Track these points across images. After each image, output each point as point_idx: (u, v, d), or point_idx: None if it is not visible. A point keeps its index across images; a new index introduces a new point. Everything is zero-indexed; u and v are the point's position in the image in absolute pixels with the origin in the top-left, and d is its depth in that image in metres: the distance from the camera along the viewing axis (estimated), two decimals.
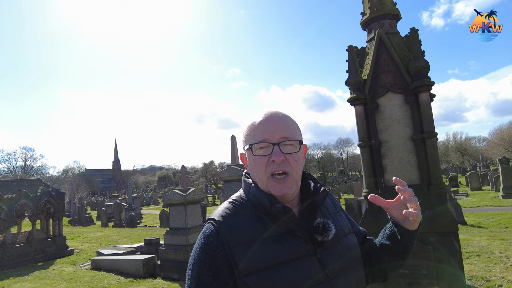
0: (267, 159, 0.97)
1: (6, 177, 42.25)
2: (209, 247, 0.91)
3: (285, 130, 0.99)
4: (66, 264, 8.02)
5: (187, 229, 6.61)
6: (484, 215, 14.47)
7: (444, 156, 71.66)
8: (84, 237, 12.39)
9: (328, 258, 0.97)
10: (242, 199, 1.02)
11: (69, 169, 64.19)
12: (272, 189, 0.96)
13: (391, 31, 4.71)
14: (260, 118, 1.02)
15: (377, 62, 4.54)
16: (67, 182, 35.88)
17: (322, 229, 0.96)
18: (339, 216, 1.11)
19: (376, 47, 4.53)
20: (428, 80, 4.17)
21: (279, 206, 0.92)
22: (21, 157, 50.02)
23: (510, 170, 19.32)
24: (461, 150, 61.10)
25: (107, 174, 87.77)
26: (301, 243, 0.94)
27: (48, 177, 54.69)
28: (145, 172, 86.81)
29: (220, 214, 0.97)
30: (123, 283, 6.10)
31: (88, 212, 28.65)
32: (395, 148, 4.43)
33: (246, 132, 1.05)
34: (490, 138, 60.90)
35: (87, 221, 21.50)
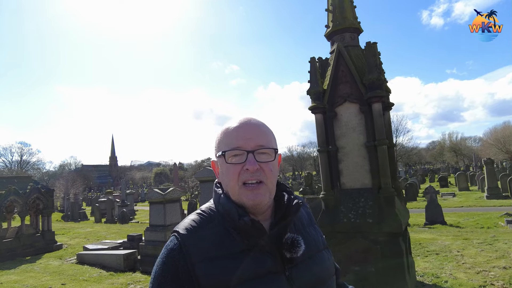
0: (240, 167, 0.92)
1: (1, 172, 42.55)
2: (171, 261, 0.87)
3: (260, 138, 0.95)
4: (53, 258, 8.37)
5: (166, 226, 6.96)
6: (465, 215, 14.88)
7: (439, 156, 72.13)
8: (74, 232, 12.73)
9: (297, 276, 0.92)
10: (211, 210, 0.97)
11: (66, 164, 64.55)
12: (244, 198, 0.92)
13: (351, 43, 5.04)
14: (234, 124, 0.98)
15: (336, 73, 4.87)
16: (62, 177, 36.11)
17: (291, 245, 0.92)
18: (313, 230, 1.07)
19: (335, 59, 4.86)
20: (380, 92, 4.50)
21: (247, 219, 0.88)
22: (17, 152, 50.29)
23: (495, 171, 19.77)
24: (455, 150, 61.56)
25: (104, 170, 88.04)
26: (269, 259, 0.90)
27: (45, 172, 55.02)
28: (142, 168, 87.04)
29: (185, 226, 0.92)
30: (104, 276, 6.46)
31: (83, 208, 28.99)
32: (350, 154, 4.77)
33: (218, 138, 1.00)
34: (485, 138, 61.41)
35: (81, 217, 21.82)
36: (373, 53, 4.63)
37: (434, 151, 77.30)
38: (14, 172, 40.71)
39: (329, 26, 5.25)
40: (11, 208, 9.28)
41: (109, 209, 18.88)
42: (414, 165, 76.18)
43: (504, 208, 15.83)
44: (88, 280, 6.23)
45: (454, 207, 18.26)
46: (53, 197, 10.18)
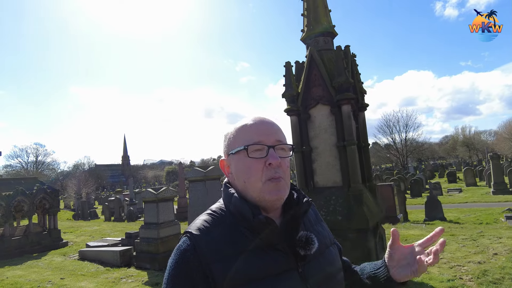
0: (263, 162, 0.93)
1: (19, 173, 44.14)
2: (185, 263, 0.88)
3: (278, 134, 0.98)
4: (57, 255, 8.86)
5: (159, 224, 7.31)
6: (467, 211, 14.79)
7: (452, 151, 70.77)
8: (82, 230, 13.29)
9: (310, 272, 0.94)
10: (222, 210, 0.98)
11: (80, 164, 66.22)
12: (267, 193, 0.92)
13: (325, 47, 5.22)
14: (251, 121, 0.99)
15: (309, 77, 5.07)
16: (75, 177, 37.21)
17: (305, 242, 0.93)
18: (321, 228, 1.08)
19: (308, 63, 5.06)
20: (348, 94, 4.69)
21: (262, 218, 0.89)
22: (33, 153, 51.91)
23: (501, 166, 19.47)
24: (468, 144, 60.35)
25: (117, 169, 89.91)
26: (282, 257, 0.91)
27: (59, 172, 56.65)
28: (155, 167, 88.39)
29: (197, 227, 0.93)
30: (101, 271, 6.86)
31: (95, 207, 29.91)
32: (323, 154, 4.98)
33: (233, 135, 1.00)
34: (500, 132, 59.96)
35: (91, 216, 22.54)
36: (342, 57, 4.81)
37: (447, 146, 75.94)
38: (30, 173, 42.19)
39: (304, 30, 5.46)
40: (20, 208, 9.82)
41: (117, 208, 19.48)
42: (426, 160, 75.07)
43: (509, 203, 15.66)
44: (85, 275, 6.64)
45: (459, 202, 18.11)
46: (59, 197, 10.69)
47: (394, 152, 50.41)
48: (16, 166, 50.24)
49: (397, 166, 49.53)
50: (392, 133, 50.59)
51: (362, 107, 5.40)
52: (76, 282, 6.19)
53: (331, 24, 5.40)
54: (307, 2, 5.46)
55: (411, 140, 49.53)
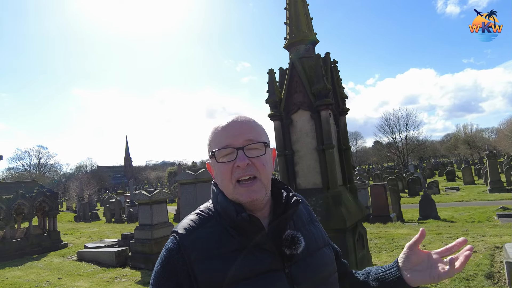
0: (231, 165, 0.92)
1: (22, 175, 44.61)
2: (170, 261, 0.89)
3: (249, 133, 0.95)
4: (56, 256, 9.13)
5: (153, 225, 7.56)
6: (462, 210, 14.96)
7: (454, 149, 70.67)
8: (81, 232, 13.58)
9: (297, 273, 0.93)
10: (210, 210, 0.98)
11: (82, 166, 66.75)
12: (240, 196, 0.92)
13: (306, 55, 5.44)
14: (222, 123, 0.98)
15: (291, 84, 5.29)
16: (76, 179, 37.63)
17: (291, 242, 0.92)
18: (313, 228, 1.06)
19: (290, 71, 5.29)
20: (327, 100, 4.91)
21: (245, 215, 0.89)
22: (35, 155, 52.46)
23: (497, 165, 19.58)
24: (469, 142, 60.25)
25: (119, 171, 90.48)
26: (268, 257, 0.90)
27: (62, 174, 57.16)
28: (157, 168, 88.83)
29: (184, 226, 0.94)
30: (97, 271, 7.12)
31: (97, 208, 30.25)
32: (304, 157, 5.20)
33: (209, 139, 1.00)
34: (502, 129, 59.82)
35: (92, 217, 22.87)
36: (320, 64, 5.03)
37: (448, 144, 75.84)
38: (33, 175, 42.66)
39: (287, 38, 5.68)
40: (20, 210, 10.11)
41: (117, 210, 19.77)
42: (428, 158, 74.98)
43: (504, 201, 15.80)
44: (82, 275, 6.91)
45: (455, 201, 18.27)
46: (58, 200, 10.97)
47: (395, 151, 50.49)
48: (19, 169, 50.88)
49: (398, 165, 49.60)
50: (392, 132, 50.70)
51: (343, 112, 5.62)
52: (73, 281, 6.45)
53: (313, 32, 5.62)
54: (289, 11, 5.68)
55: (412, 139, 49.63)
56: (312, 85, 5.03)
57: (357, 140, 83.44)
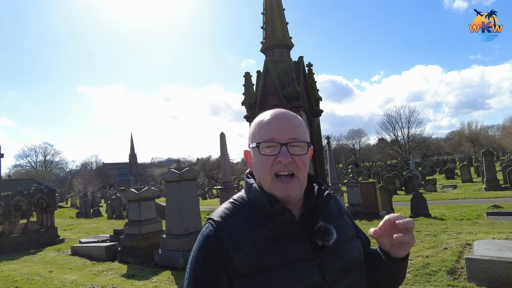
0: (273, 159, 0.95)
1: (28, 172, 45.50)
2: (207, 247, 0.93)
3: (293, 131, 0.98)
4: (52, 251, 9.51)
5: (141, 221, 7.87)
6: (454, 208, 15.04)
7: (458, 146, 70.18)
8: (80, 228, 13.98)
9: (327, 263, 0.95)
10: (243, 199, 1.02)
11: (87, 163, 67.67)
12: (276, 190, 0.96)
13: (280, 58, 5.65)
14: (268, 117, 1.00)
15: (265, 86, 5.52)
16: (80, 176, 38.29)
17: (324, 233, 0.95)
18: (343, 221, 1.09)
19: (264, 74, 5.51)
20: (297, 102, 5.13)
21: (278, 207, 0.92)
22: (41, 152, 53.37)
23: (493, 163, 19.58)
24: (473, 140, 59.79)
25: (124, 168, 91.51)
26: (300, 246, 0.94)
27: (68, 171, 58.12)
28: (162, 165, 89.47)
29: (219, 214, 0.99)
30: (87, 265, 7.46)
31: (101, 205, 30.79)
32: None
33: (253, 130, 1.03)
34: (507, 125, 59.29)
35: (94, 214, 23.33)
36: (291, 68, 5.27)
37: (453, 141, 75.32)
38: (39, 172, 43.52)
39: (263, 42, 5.90)
40: (18, 207, 10.51)
41: (117, 206, 20.20)
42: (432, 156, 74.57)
43: (498, 200, 15.84)
44: (72, 268, 7.25)
45: (450, 199, 18.32)
46: (55, 197, 11.36)
47: (397, 149, 50.35)
48: (26, 166, 51.83)
49: (401, 163, 49.50)
50: (394, 129, 50.55)
51: (317, 113, 5.83)
52: (62, 274, 6.79)
53: (287, 36, 5.84)
54: (265, 16, 5.90)
55: (414, 136, 49.46)
56: (284, 88, 5.25)
57: (360, 137, 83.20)
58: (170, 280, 5.80)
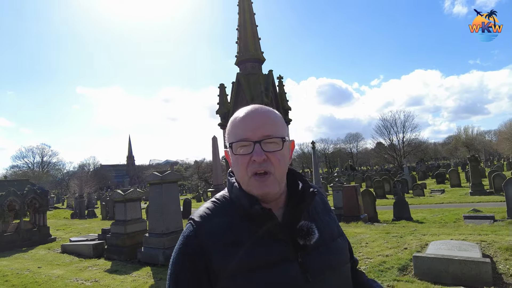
0: (248, 158, 0.94)
1: (25, 173, 45.92)
2: (187, 248, 0.93)
3: (267, 127, 0.95)
4: (43, 249, 9.95)
5: (126, 221, 8.33)
6: (437, 212, 15.49)
7: (454, 151, 70.75)
8: (73, 228, 14.42)
9: (310, 263, 0.94)
10: (225, 198, 1.01)
11: (85, 165, 68.07)
12: (253, 189, 0.94)
13: (252, 72, 6.14)
14: (241, 114, 0.99)
15: (237, 97, 6.01)
16: (77, 178, 38.74)
17: (306, 232, 0.93)
18: (328, 218, 1.08)
19: (236, 86, 6.01)
20: None
21: (257, 207, 0.91)
22: (39, 153, 53.81)
23: (478, 168, 20.08)
24: (468, 145, 60.37)
25: (122, 169, 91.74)
26: (282, 246, 0.92)
27: (65, 173, 58.52)
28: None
29: (200, 214, 0.97)
30: (74, 261, 7.91)
31: (97, 206, 31.19)
32: None
33: (228, 129, 1.02)
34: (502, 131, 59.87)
35: (89, 215, 23.75)
36: (259, 82, 5.76)
37: (449, 146, 75.89)
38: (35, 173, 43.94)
39: (237, 56, 6.41)
40: (12, 207, 10.97)
41: (111, 207, 20.60)
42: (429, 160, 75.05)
43: (481, 204, 16.32)
44: (60, 264, 7.70)
45: (435, 203, 18.77)
46: (48, 197, 11.83)
47: (392, 153, 50.86)
48: (23, 167, 52.25)
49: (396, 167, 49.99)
50: (390, 134, 51.10)
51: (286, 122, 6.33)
52: (50, 270, 7.24)
53: (259, 51, 6.34)
54: (239, 32, 6.41)
55: (410, 141, 49.99)
56: (253, 99, 5.74)
57: (358, 141, 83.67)
58: (148, 275, 6.26)
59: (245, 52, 6.20)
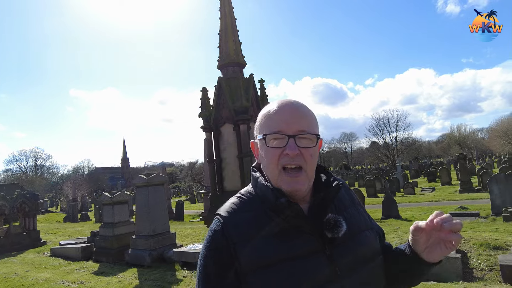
0: (280, 151, 0.93)
1: (18, 177, 45.62)
2: (215, 242, 0.93)
3: (302, 122, 0.95)
4: (32, 253, 10.01)
5: (114, 224, 8.43)
6: (426, 210, 15.68)
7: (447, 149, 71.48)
8: (64, 231, 14.45)
9: (339, 255, 0.93)
10: (250, 193, 1.01)
11: (79, 168, 67.70)
12: (283, 184, 0.94)
13: (233, 76, 6.29)
14: (275, 107, 0.98)
15: (218, 101, 6.15)
16: (70, 181, 38.57)
17: (333, 225, 0.92)
18: (355, 211, 1.06)
19: (217, 90, 6.15)
20: (244, 116, 5.77)
21: (283, 200, 0.90)
22: (32, 157, 53.40)
23: (466, 166, 20.38)
24: (460, 143, 61.01)
25: (117, 172, 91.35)
26: (308, 239, 0.92)
27: (59, 176, 58.18)
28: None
29: (226, 209, 0.98)
30: (62, 264, 7.99)
31: (90, 209, 31.09)
32: (230, 164, 6.06)
33: (260, 121, 1.02)
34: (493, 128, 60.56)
35: (83, 218, 23.69)
36: (240, 86, 5.91)
37: (443, 144, 76.63)
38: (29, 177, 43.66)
39: (219, 60, 6.55)
40: (1, 211, 11.00)
41: None
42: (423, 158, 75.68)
43: (469, 201, 16.57)
44: (48, 267, 7.78)
45: (425, 201, 18.99)
46: (37, 202, 11.87)
47: (385, 152, 51.28)
48: (16, 171, 51.80)
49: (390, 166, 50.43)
50: (383, 133, 51.55)
51: None
52: (38, 273, 7.32)
53: (240, 55, 6.49)
54: (221, 37, 6.54)
55: (402, 140, 50.47)
56: (234, 102, 5.89)
57: (352, 141, 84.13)
58: (134, 276, 6.37)
59: (226, 57, 6.34)
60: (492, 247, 5.88)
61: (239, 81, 5.95)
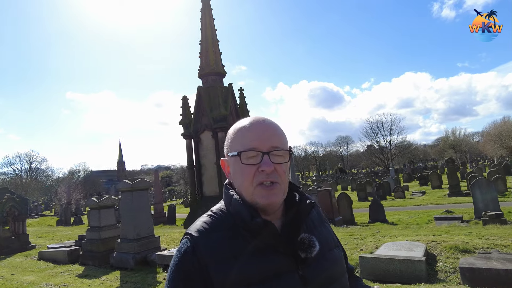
0: (255, 168, 0.93)
1: (13, 181, 45.51)
2: (184, 264, 0.90)
3: (274, 139, 0.96)
4: (21, 257, 10.13)
5: (100, 227, 8.60)
6: (413, 213, 15.95)
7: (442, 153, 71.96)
8: (55, 235, 14.54)
9: (311, 275, 0.93)
10: (222, 211, 0.99)
11: (75, 171, 67.56)
12: (259, 198, 0.93)
13: (213, 85, 6.51)
14: (248, 124, 0.98)
15: (198, 109, 6.38)
16: (64, 185, 38.58)
17: (307, 245, 0.93)
18: (324, 229, 1.07)
19: (197, 98, 6.38)
20: (221, 124, 6.00)
21: (259, 220, 0.90)
22: (26, 160, 53.27)
23: (454, 170, 20.69)
24: (454, 146, 61.50)
25: (113, 175, 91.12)
26: (282, 259, 0.91)
27: (55, 179, 58.04)
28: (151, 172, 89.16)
29: (197, 228, 0.95)
30: (49, 267, 8.14)
31: (85, 213, 31.13)
32: (208, 169, 6.28)
33: (232, 137, 1.01)
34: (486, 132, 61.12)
35: (76, 222, 23.74)
36: (218, 95, 6.14)
37: (438, 148, 77.17)
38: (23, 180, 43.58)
39: (199, 69, 6.79)
40: None
41: None
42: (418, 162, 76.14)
43: (456, 205, 16.83)
44: (34, 271, 7.93)
45: (414, 205, 19.24)
46: (27, 205, 12.02)
47: (379, 155, 51.64)
48: (10, 174, 51.63)
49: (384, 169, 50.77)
50: (377, 136, 51.94)
51: None
52: (23, 276, 7.47)
53: (220, 65, 6.73)
54: (201, 47, 6.78)
55: (397, 143, 50.90)
56: (212, 110, 6.11)
57: (348, 144, 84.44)
58: (116, 279, 6.54)
59: (206, 66, 6.58)
60: (461, 250, 6.10)
61: (218, 90, 6.17)
